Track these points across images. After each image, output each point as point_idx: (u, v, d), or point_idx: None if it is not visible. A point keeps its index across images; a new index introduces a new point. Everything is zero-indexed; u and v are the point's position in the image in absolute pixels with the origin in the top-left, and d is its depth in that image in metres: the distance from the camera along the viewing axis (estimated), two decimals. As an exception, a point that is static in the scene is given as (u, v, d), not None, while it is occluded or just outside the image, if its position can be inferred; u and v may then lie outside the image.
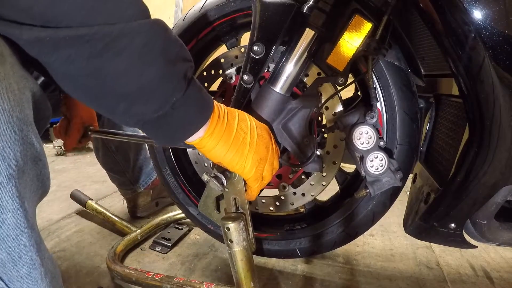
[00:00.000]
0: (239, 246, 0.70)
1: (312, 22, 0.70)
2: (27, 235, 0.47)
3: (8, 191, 0.44)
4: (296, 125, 0.78)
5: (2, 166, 0.43)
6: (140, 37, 0.45)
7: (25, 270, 0.48)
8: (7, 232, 0.45)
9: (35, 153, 0.48)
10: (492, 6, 0.54)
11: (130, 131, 1.28)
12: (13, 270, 0.47)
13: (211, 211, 0.81)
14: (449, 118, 0.79)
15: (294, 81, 0.74)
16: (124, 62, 0.45)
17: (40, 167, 0.50)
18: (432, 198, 0.74)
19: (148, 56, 0.47)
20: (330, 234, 0.91)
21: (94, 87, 0.47)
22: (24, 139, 0.46)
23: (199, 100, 0.57)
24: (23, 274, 0.48)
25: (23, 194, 0.46)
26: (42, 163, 0.51)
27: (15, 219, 0.45)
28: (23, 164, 0.46)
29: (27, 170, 0.47)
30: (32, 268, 0.48)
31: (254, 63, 0.77)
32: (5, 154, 0.43)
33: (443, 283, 0.98)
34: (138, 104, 0.50)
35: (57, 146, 2.36)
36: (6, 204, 0.44)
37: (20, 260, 0.47)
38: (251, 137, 0.66)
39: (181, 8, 2.71)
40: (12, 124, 0.44)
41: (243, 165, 0.66)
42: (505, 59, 0.55)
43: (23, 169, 0.46)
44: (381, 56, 0.75)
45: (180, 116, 0.55)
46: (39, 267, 0.49)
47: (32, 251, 0.48)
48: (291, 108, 0.77)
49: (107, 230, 1.22)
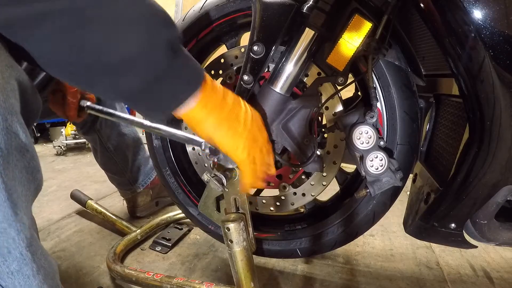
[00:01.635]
0: (239, 246, 0.70)
1: (312, 22, 0.70)
2: (15, 229, 0.45)
3: None
4: (296, 125, 0.78)
5: None
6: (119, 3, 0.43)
7: (15, 265, 0.46)
8: None
9: (20, 144, 0.47)
10: (492, 6, 0.54)
11: (127, 129, 1.28)
12: (3, 265, 0.46)
13: (211, 211, 0.81)
14: (449, 118, 0.79)
15: (294, 81, 0.74)
16: (104, 31, 0.43)
17: (28, 159, 0.49)
18: (432, 198, 0.74)
19: (129, 25, 0.44)
20: (330, 234, 0.91)
21: (74, 63, 0.44)
22: (8, 129, 0.44)
23: (187, 69, 0.53)
24: (14, 269, 0.46)
25: (10, 186, 0.45)
26: (30, 155, 0.49)
27: (2, 212, 0.44)
28: (8, 154, 0.44)
29: (13, 161, 0.46)
30: (22, 264, 0.47)
31: (254, 63, 0.76)
32: None
33: (443, 283, 0.98)
34: (121, 77, 0.47)
35: (57, 146, 2.36)
36: None
37: (10, 255, 0.46)
38: (245, 116, 0.62)
39: (181, 8, 2.71)
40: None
41: (236, 145, 0.61)
42: (505, 59, 0.55)
43: (8, 160, 0.44)
44: (381, 55, 0.75)
45: (166, 87, 0.51)
46: (30, 262, 0.48)
47: (22, 246, 0.46)
48: (291, 108, 0.77)
49: (107, 230, 1.22)
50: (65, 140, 2.40)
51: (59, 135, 2.44)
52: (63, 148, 2.38)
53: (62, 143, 2.38)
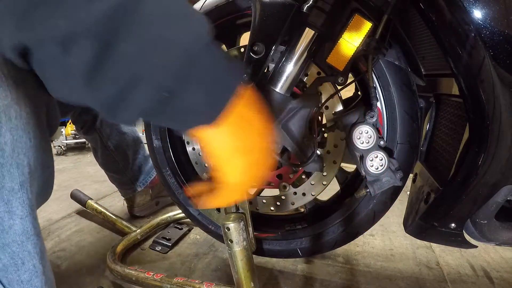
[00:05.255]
0: (239, 246, 0.70)
1: (312, 21, 0.70)
2: (32, 242, 0.47)
3: (19, 198, 0.44)
4: (296, 125, 0.78)
5: (16, 173, 0.43)
6: None
7: (26, 276, 0.47)
8: (13, 238, 0.45)
9: (45, 160, 0.48)
10: (492, 6, 0.54)
11: (127, 128, 1.28)
12: (15, 274, 0.47)
13: (211, 211, 0.81)
14: (449, 118, 0.79)
15: (294, 80, 0.74)
16: None
17: (47, 175, 0.50)
18: (432, 198, 0.74)
19: None
20: (330, 233, 0.91)
21: None
22: (37, 146, 0.45)
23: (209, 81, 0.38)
24: (24, 279, 0.47)
25: (33, 201, 0.46)
26: (49, 171, 0.50)
27: (22, 226, 0.45)
28: (34, 170, 0.45)
29: (37, 176, 0.47)
30: (34, 275, 0.48)
31: (254, 63, 0.77)
32: (19, 161, 0.43)
33: (443, 283, 0.98)
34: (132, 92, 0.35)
35: (57, 146, 2.36)
36: (15, 210, 0.44)
37: (23, 266, 0.47)
38: None
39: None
40: (28, 130, 0.43)
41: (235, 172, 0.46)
42: (505, 59, 0.55)
43: (34, 176, 0.46)
44: (381, 55, 0.75)
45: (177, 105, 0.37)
46: (41, 275, 0.49)
47: (36, 259, 0.48)
48: (291, 108, 0.77)
49: (107, 230, 1.22)
50: (65, 140, 2.40)
51: (59, 135, 2.44)
52: (63, 148, 2.38)
53: (62, 143, 2.38)
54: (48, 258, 0.54)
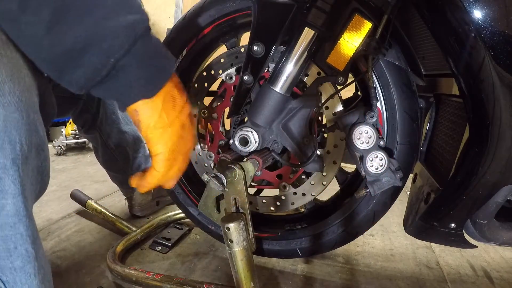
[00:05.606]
0: (239, 246, 0.70)
1: (312, 21, 0.70)
2: (24, 224, 0.45)
3: (11, 175, 0.43)
4: (296, 125, 0.78)
5: (8, 148, 0.42)
6: None
7: (19, 262, 0.46)
8: (5, 219, 0.44)
9: (39, 141, 0.47)
10: (492, 6, 0.54)
11: (127, 127, 1.28)
12: (7, 260, 0.45)
13: (211, 211, 0.81)
14: (449, 118, 0.79)
15: (294, 80, 0.74)
16: None
17: (42, 159, 0.49)
18: (432, 198, 0.74)
19: None
20: (330, 233, 0.91)
21: None
22: (30, 125, 0.45)
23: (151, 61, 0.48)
24: (17, 266, 0.46)
25: (25, 181, 0.45)
26: (44, 155, 0.50)
27: (15, 206, 0.44)
28: (27, 150, 0.45)
29: (30, 158, 0.46)
30: (26, 261, 0.46)
31: (254, 63, 0.76)
32: (12, 137, 0.42)
33: (443, 283, 0.98)
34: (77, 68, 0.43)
35: (57, 146, 2.36)
36: (8, 188, 0.43)
37: (16, 251, 0.45)
38: None
39: (181, 8, 2.71)
40: (21, 108, 0.43)
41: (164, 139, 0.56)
42: (505, 59, 0.55)
43: (27, 156, 0.45)
44: (381, 55, 0.75)
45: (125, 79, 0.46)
46: (33, 260, 0.47)
47: (28, 242, 0.46)
48: (291, 108, 0.77)
49: (107, 230, 1.22)
50: (65, 140, 2.40)
51: (59, 135, 2.44)
52: (63, 148, 2.38)
53: (62, 143, 2.38)
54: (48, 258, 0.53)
